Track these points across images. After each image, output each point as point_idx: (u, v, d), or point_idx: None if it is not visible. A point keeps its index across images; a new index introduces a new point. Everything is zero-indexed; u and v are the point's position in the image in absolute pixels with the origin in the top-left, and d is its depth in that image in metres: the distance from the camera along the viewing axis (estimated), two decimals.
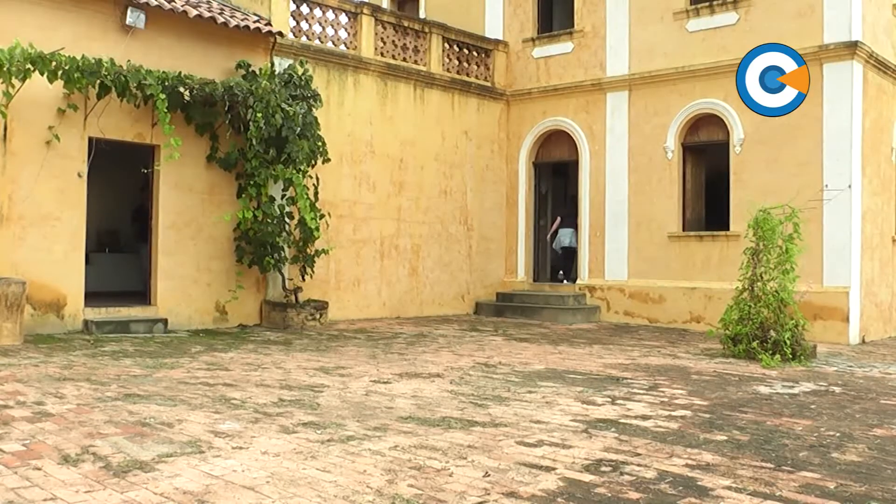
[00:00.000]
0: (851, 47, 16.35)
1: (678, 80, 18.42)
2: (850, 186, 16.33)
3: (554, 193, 21.95)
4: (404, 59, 18.90)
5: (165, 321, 14.26)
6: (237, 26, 15.20)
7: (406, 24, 19.11)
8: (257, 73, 15.46)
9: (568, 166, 21.02)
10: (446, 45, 19.92)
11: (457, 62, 20.23)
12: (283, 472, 5.78)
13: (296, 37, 16.92)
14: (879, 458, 6.85)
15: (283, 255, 15.55)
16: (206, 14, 14.78)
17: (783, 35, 16.96)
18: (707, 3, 18.19)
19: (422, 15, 22.02)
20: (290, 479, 5.64)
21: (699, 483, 5.87)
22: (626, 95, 19.27)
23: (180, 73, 14.16)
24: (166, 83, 13.82)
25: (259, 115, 14.60)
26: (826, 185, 16.41)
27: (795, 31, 16.90)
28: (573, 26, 20.28)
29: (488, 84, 20.81)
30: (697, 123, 18.45)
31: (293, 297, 15.79)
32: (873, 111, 17.33)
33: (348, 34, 17.88)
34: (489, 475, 5.88)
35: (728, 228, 17.59)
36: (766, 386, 10.58)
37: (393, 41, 18.71)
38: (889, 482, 6.09)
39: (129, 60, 13.74)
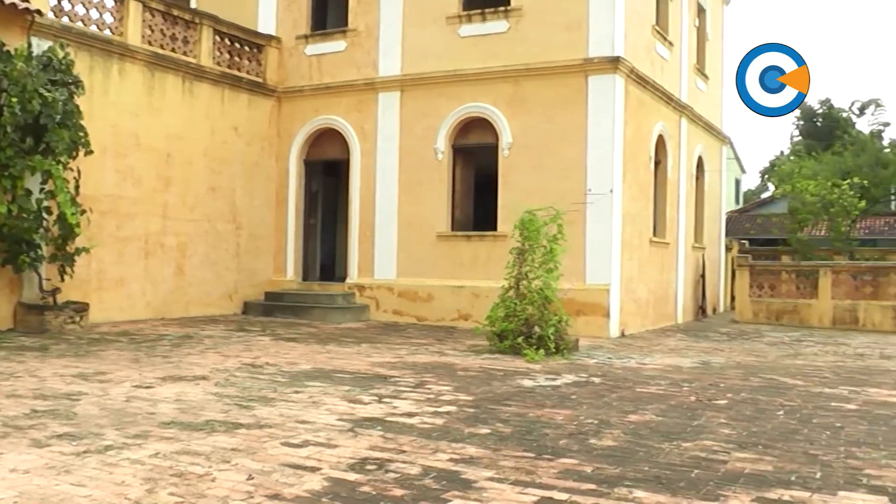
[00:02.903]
0: (614, 62, 17.27)
1: (449, 83, 18.83)
2: (611, 191, 17.23)
3: (325, 192, 21.90)
4: (173, 50, 18.27)
5: None
6: None
7: (175, 13, 18.46)
8: (12, 53, 14.35)
9: (339, 165, 21.01)
10: (217, 38, 19.44)
11: (228, 56, 19.79)
12: (34, 490, 5.43)
13: (56, 17, 15.88)
14: (633, 441, 7.30)
15: (39, 253, 14.62)
16: None
17: (552, 46, 17.72)
18: (479, 11, 18.70)
19: (193, 5, 21.39)
20: (41, 497, 5.31)
21: (463, 476, 6.03)
22: (398, 96, 19.50)
23: None
24: None
25: (14, 99, 13.62)
26: (589, 189, 17.23)
27: (563, 43, 17.68)
28: (347, 25, 20.32)
29: (260, 80, 20.50)
30: (468, 126, 18.94)
31: (51, 299, 14.90)
32: (634, 122, 18.38)
33: (114, 18, 17.05)
34: (253, 478, 5.80)
35: (496, 229, 18.15)
36: (529, 379, 10.99)
37: (161, 30, 18.04)
38: (641, 463, 6.51)
39: None
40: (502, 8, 18.43)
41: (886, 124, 56.39)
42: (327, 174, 21.88)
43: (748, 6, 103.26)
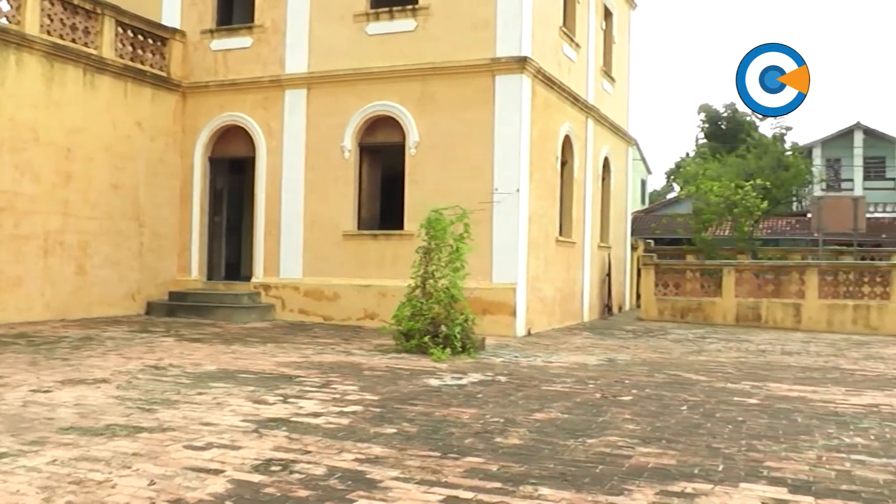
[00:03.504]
0: (522, 62, 17.43)
1: (356, 81, 18.75)
2: (518, 190, 17.37)
3: (230, 190, 21.59)
4: (74, 41, 17.75)
5: None
6: None
7: (76, 2, 17.82)
8: None
9: (245, 163, 20.73)
10: (120, 30, 18.95)
11: (131, 48, 19.32)
12: None
13: None
14: (539, 439, 7.40)
15: None
16: None
17: (460, 45, 17.79)
18: (387, 9, 18.66)
19: None
20: None
21: (368, 476, 6.04)
22: (305, 94, 19.34)
23: None
24: None
25: None
26: (496, 189, 17.35)
27: (471, 42, 17.76)
28: (253, 21, 20.06)
29: (164, 74, 20.09)
30: (375, 125, 18.88)
31: None
32: (541, 122, 18.56)
33: (11, 6, 16.39)
34: (155, 483, 5.71)
35: (402, 228, 18.12)
36: (436, 378, 11.03)
37: (61, 19, 17.48)
38: (546, 461, 6.61)
39: None
40: (410, 6, 18.43)
41: (789, 128, 58.16)
42: (233, 172, 21.55)
43: (655, 11, 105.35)
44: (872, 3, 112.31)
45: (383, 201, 19.60)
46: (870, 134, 49.32)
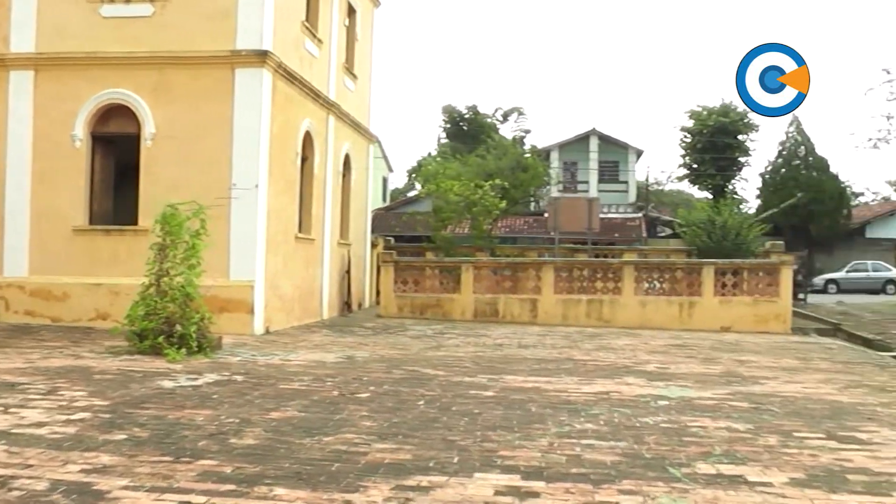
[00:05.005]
0: (262, 56, 17.21)
1: (89, 65, 17.87)
2: (257, 186, 17.17)
3: None
4: None
5: None
6: None
7: None
8: None
9: None
10: None
11: None
12: None
13: None
14: (274, 439, 7.41)
15: None
16: None
17: (198, 35, 17.36)
18: None
19: None
20: None
21: (95, 487, 5.84)
22: (33, 76, 18.16)
23: None
24: None
25: None
26: (234, 184, 17.05)
27: (210, 32, 17.36)
28: None
29: None
30: (109, 113, 18.09)
31: None
32: (281, 117, 18.40)
33: None
34: None
35: (136, 223, 17.45)
36: (170, 380, 10.78)
37: None
38: (282, 460, 6.65)
39: None
40: None
41: (528, 131, 61.15)
42: None
43: (398, 9, 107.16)
44: (595, 19, 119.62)
45: (117, 195, 18.73)
46: (604, 140, 52.85)
